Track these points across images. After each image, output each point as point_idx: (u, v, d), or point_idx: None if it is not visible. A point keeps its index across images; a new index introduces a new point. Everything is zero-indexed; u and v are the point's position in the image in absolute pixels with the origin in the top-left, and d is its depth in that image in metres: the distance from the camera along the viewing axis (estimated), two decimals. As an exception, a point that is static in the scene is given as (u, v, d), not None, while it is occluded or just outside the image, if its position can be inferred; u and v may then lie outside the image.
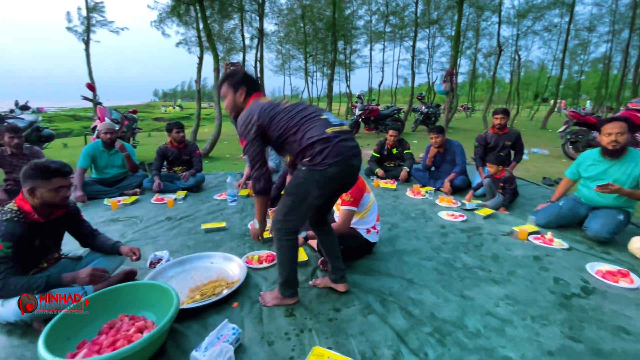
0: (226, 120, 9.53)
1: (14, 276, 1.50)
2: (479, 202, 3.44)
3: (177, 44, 10.36)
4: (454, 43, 8.96)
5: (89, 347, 1.37)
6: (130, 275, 2.00)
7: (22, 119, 5.18)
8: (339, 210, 2.23)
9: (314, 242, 2.29)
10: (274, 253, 2.26)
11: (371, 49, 19.06)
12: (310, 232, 2.18)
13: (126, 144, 4.04)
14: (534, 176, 5.01)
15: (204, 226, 2.78)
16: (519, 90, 17.30)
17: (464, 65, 21.65)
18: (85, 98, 5.32)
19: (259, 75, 7.77)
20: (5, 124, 4.66)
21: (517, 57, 16.29)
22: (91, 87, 5.30)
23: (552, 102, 18.06)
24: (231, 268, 2.07)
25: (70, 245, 2.02)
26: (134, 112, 5.99)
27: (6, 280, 1.47)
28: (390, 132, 4.48)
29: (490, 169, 3.42)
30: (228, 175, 3.50)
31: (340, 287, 1.84)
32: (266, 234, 2.19)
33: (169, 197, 3.56)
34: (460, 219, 3.02)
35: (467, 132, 12.13)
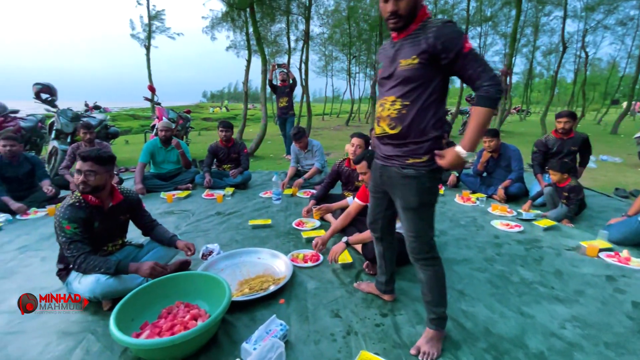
0: (270, 120, 9.80)
1: (92, 254, 1.66)
2: (538, 212, 3.16)
3: (227, 48, 10.92)
4: (510, 41, 8.37)
5: (151, 329, 1.48)
6: (184, 265, 2.12)
7: (94, 117, 5.76)
8: None
9: (358, 247, 2.26)
10: (319, 253, 2.29)
11: (417, 49, 18.46)
12: (352, 238, 2.12)
13: (181, 142, 4.33)
14: (603, 187, 4.50)
15: (251, 222, 2.87)
16: (585, 91, 15.66)
17: (518, 64, 20.17)
18: (147, 99, 5.80)
19: (303, 77, 7.91)
20: (81, 121, 5.24)
21: (583, 54, 14.79)
22: (152, 88, 5.77)
23: (624, 104, 16.13)
24: (277, 265, 2.12)
25: (132, 233, 2.19)
26: (188, 112, 6.40)
27: (87, 256, 1.65)
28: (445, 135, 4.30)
29: (553, 176, 3.12)
30: (273, 175, 3.59)
31: (387, 297, 1.78)
32: (342, 259, 2.13)
33: (219, 193, 3.75)
34: (517, 229, 2.80)
35: (522, 136, 11.28)
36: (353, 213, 2.44)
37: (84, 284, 1.66)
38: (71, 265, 1.70)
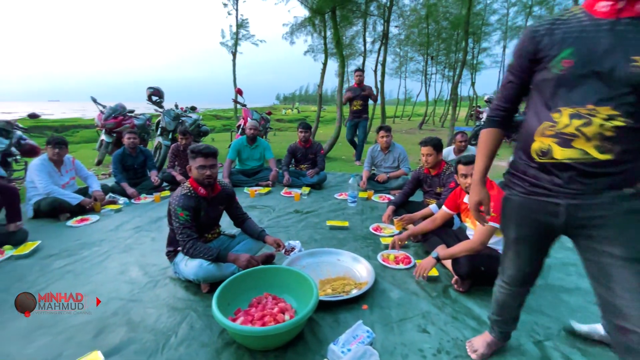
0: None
1: (198, 240, 1.85)
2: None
3: (305, 52, 11.34)
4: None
5: (244, 315, 1.58)
6: (269, 258, 2.23)
7: (190, 117, 6.51)
8: (474, 226, 1.99)
9: (448, 263, 2.11)
10: (410, 255, 2.23)
11: (505, 47, 16.83)
12: (443, 253, 1.95)
13: (263, 140, 4.63)
14: None
15: (329, 223, 2.91)
16: None
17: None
18: (235, 101, 6.35)
19: (379, 78, 7.79)
20: (180, 120, 5.96)
21: None
22: (240, 91, 6.30)
23: None
24: (358, 269, 2.09)
25: (223, 224, 2.38)
26: (269, 113, 6.84)
27: (195, 242, 1.84)
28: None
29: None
30: (350, 177, 3.59)
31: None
32: (430, 272, 1.99)
33: (296, 192, 3.89)
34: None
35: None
36: (440, 221, 2.30)
37: (190, 267, 1.86)
38: (180, 248, 1.91)
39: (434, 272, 2.03)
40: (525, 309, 1.74)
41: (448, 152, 4.09)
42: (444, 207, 2.27)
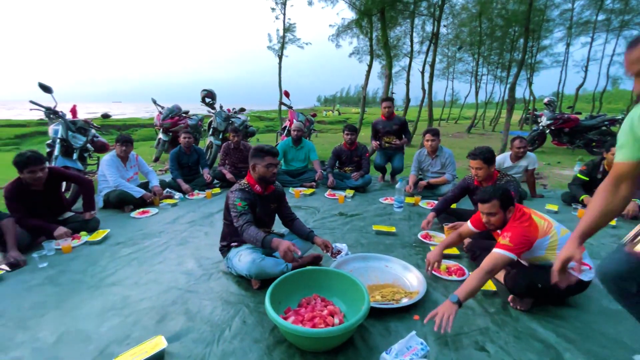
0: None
1: (254, 225, 1.93)
2: None
3: (350, 54, 11.31)
4: None
5: (294, 315, 1.60)
6: (316, 260, 2.25)
7: (239, 118, 6.79)
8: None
9: (500, 276, 1.97)
10: (463, 267, 2.12)
11: (568, 44, 15.37)
12: (461, 293, 1.58)
13: (308, 142, 4.69)
14: None
15: (375, 227, 2.86)
16: None
17: None
18: (282, 103, 6.52)
19: (427, 80, 7.53)
20: (230, 121, 6.25)
21: None
22: (287, 93, 6.45)
23: None
24: (408, 277, 2.03)
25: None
26: (314, 115, 6.92)
27: (250, 225, 1.91)
28: (613, 150, 3.40)
29: None
30: (398, 181, 3.50)
31: None
32: (485, 286, 1.83)
33: (340, 194, 3.88)
34: None
35: None
36: (465, 236, 2.17)
37: (243, 262, 1.93)
38: (238, 231, 1.96)
39: (491, 287, 1.90)
40: (595, 333, 1.58)
41: (503, 159, 3.82)
42: (469, 223, 2.12)
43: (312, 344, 1.43)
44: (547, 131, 7.88)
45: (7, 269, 2.20)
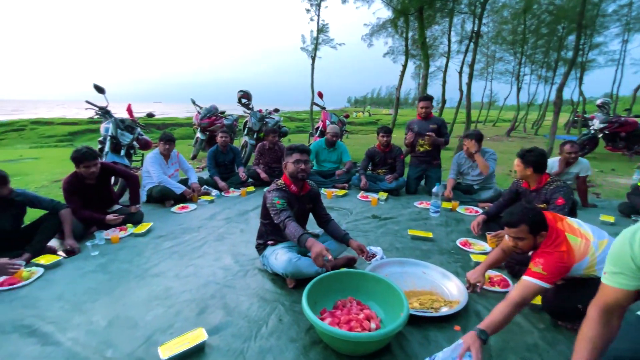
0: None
1: (293, 220, 1.92)
2: None
3: (384, 55, 11.16)
4: None
5: (330, 316, 1.58)
6: (351, 262, 2.23)
7: (273, 118, 6.93)
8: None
9: None
10: (507, 277, 2.00)
11: (625, 41, 14.10)
12: (487, 326, 1.41)
13: (341, 143, 4.67)
14: None
15: (411, 232, 2.78)
16: None
17: None
18: (315, 104, 6.57)
19: (466, 80, 7.23)
20: (265, 121, 6.39)
21: None
22: (321, 94, 6.49)
23: None
24: (447, 286, 1.94)
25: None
26: (347, 116, 6.89)
27: (291, 220, 1.90)
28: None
29: None
30: (436, 184, 3.38)
31: None
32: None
33: (373, 196, 3.82)
34: None
35: None
36: (508, 252, 1.92)
37: (280, 261, 1.95)
38: (280, 226, 1.95)
39: (537, 301, 1.77)
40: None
41: (552, 164, 3.57)
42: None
43: (350, 348, 1.41)
44: (600, 135, 7.25)
45: (64, 255, 2.39)
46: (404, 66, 8.61)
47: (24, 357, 1.42)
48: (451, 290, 1.90)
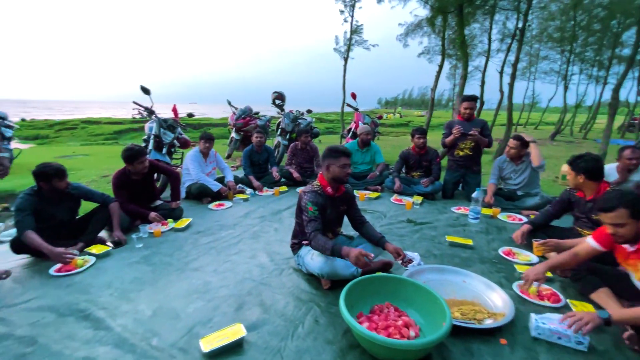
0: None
1: (321, 233, 1.92)
2: None
3: (419, 54, 10.88)
4: None
5: (367, 321, 1.55)
6: (387, 266, 2.17)
7: (305, 119, 6.98)
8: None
9: (605, 302, 1.68)
10: (558, 292, 1.87)
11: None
12: (615, 313, 1.43)
13: (374, 144, 4.61)
14: None
15: (449, 238, 2.66)
16: None
17: None
18: (348, 104, 6.54)
19: (508, 81, 6.85)
20: (298, 122, 6.45)
21: None
22: (354, 95, 6.44)
23: None
24: (491, 297, 1.84)
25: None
26: (380, 117, 6.80)
27: (318, 234, 1.90)
28: None
29: None
30: (475, 189, 3.22)
31: None
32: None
33: (407, 200, 3.72)
34: None
35: None
36: (583, 256, 1.79)
37: (316, 261, 1.95)
38: (307, 237, 1.99)
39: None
40: None
41: (609, 171, 3.26)
42: (591, 239, 1.77)
43: (389, 355, 1.37)
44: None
45: (112, 246, 2.55)
46: (440, 66, 8.34)
47: (79, 340, 1.52)
48: (495, 301, 1.80)
